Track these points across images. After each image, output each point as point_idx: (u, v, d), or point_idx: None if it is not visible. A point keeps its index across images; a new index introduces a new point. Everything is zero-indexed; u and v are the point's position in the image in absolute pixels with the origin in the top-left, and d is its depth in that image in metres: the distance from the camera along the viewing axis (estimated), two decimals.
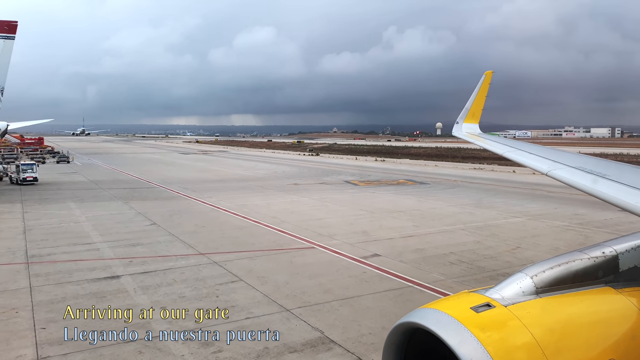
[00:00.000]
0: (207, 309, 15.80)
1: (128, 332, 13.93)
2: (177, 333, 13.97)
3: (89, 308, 15.78)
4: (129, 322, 14.71)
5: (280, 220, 31.52)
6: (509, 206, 38.09)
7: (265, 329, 14.21)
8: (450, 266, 21.14)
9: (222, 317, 15.14)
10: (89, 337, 13.62)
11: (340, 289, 18.04)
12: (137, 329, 14.19)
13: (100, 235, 27.05)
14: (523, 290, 5.20)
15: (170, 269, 20.57)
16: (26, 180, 51.73)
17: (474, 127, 20.73)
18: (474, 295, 5.19)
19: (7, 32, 46.74)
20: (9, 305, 16.14)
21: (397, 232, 28.03)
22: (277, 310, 15.84)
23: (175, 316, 15.24)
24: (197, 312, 15.50)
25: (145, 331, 14.09)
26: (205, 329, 14.29)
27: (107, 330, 14.08)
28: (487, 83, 21.06)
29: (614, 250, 5.93)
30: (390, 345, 5.20)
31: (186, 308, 15.87)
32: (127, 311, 15.53)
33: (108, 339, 13.48)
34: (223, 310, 15.71)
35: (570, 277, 5.51)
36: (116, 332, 13.96)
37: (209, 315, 15.32)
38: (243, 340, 13.58)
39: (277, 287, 18.19)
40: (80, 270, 20.25)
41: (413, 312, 5.11)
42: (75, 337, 13.62)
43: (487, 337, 4.56)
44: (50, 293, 17.38)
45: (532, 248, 24.35)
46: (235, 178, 62.26)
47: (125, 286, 18.22)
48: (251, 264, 21.36)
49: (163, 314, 15.44)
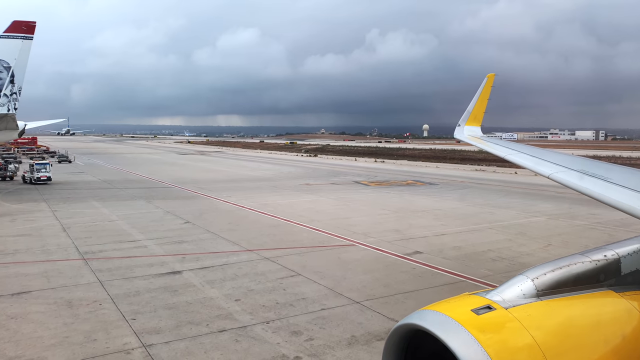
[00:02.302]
0: (280, 301, 16.65)
1: (217, 323, 14.72)
2: (264, 323, 14.76)
3: (168, 301, 16.54)
4: (212, 314, 15.46)
5: (309, 219, 32.33)
6: (525, 206, 39.31)
7: (345, 319, 15.07)
8: (493, 262, 22.17)
9: (299, 309, 15.96)
10: (181, 327, 14.41)
11: (397, 283, 18.94)
12: (223, 320, 14.96)
13: (141, 233, 27.64)
14: (524, 293, 5.17)
15: (225, 264, 21.30)
16: (40, 179, 51.85)
17: (475, 130, 21.03)
18: (475, 298, 5.17)
19: (26, 32, 46.96)
20: (90, 298, 16.77)
21: (429, 231, 29.03)
22: (348, 303, 16.68)
23: (252, 308, 16.03)
24: (272, 304, 16.34)
25: (232, 321, 14.85)
26: (286, 319, 15.10)
27: (195, 321, 14.87)
28: (489, 86, 21.36)
29: (615, 253, 5.89)
30: (390, 347, 5.18)
31: (260, 300, 16.69)
32: (205, 304, 16.31)
33: (200, 329, 14.25)
34: (296, 302, 16.56)
35: (572, 280, 5.49)
36: (205, 322, 14.75)
37: (284, 306, 16.15)
38: (324, 329, 14.44)
39: (337, 281, 19.03)
40: (138, 266, 20.89)
41: (413, 314, 5.09)
42: (167, 327, 14.39)
43: (488, 339, 4.55)
44: (122, 287, 18.03)
45: (562, 246, 25.49)
46: (245, 178, 62.86)
47: (190, 281, 18.92)
48: (301, 260, 22.17)
49: (240, 306, 16.22)
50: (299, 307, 16.22)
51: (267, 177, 64.30)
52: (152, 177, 61.45)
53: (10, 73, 47.11)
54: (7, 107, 47.70)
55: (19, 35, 46.77)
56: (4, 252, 23.16)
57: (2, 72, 46.96)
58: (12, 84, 47.62)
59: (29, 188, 49.15)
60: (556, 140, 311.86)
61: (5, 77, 47.06)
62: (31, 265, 21.01)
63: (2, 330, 14.05)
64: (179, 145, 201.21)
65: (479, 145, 18.63)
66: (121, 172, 70.52)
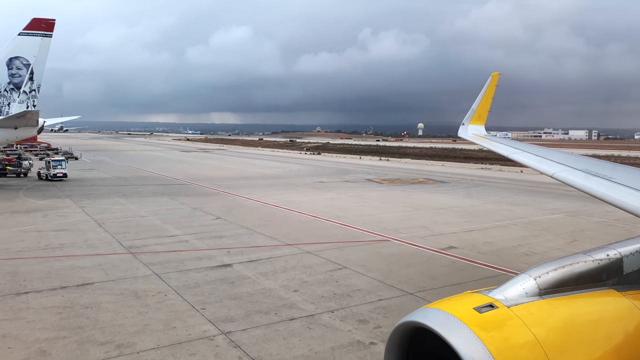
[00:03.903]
0: (337, 292, 17.41)
1: (284, 312, 15.45)
2: (329, 312, 15.51)
3: (230, 292, 17.25)
4: (276, 304, 16.18)
5: (335, 215, 33.08)
6: (540, 204, 40.27)
7: (404, 309, 15.82)
8: (527, 257, 23.03)
9: (357, 299, 16.72)
10: (251, 316, 15.14)
11: (443, 276, 19.76)
12: (289, 309, 15.70)
13: (176, 229, 28.29)
14: (526, 292, 5.20)
15: (271, 257, 22.03)
16: (56, 176, 52.27)
17: (480, 129, 21.25)
18: (477, 296, 5.20)
19: (45, 29, 47.33)
20: (153, 290, 17.45)
21: (456, 227, 29.87)
22: (402, 294, 17.47)
23: (313, 298, 16.77)
24: (330, 294, 17.09)
25: (298, 310, 15.60)
26: (349, 308, 15.86)
27: (263, 310, 15.60)
28: (494, 85, 21.59)
29: (618, 252, 5.90)
30: (392, 344, 5.21)
31: (317, 291, 17.44)
32: (266, 294, 17.04)
33: (270, 317, 14.97)
34: (352, 292, 17.33)
35: (574, 279, 5.50)
36: (273, 311, 15.48)
37: (343, 297, 16.90)
38: (388, 317, 15.20)
39: (384, 274, 19.81)
40: (187, 260, 21.54)
41: (415, 312, 5.11)
42: (239, 316, 15.11)
43: (490, 337, 4.57)
44: (180, 279, 18.70)
45: (588, 241, 26.41)
46: (256, 176, 63.50)
47: (244, 273, 19.63)
48: (342, 254, 22.91)
49: (300, 296, 16.95)
50: (356, 297, 16.98)
51: (279, 175, 64.96)
52: (165, 174, 61.99)
53: (30, 70, 47.48)
54: (26, 104, 48.09)
55: (39, 33, 47.13)
56: (51, 246, 23.75)
57: (21, 69, 47.35)
58: (32, 81, 48.00)
59: (47, 184, 49.57)
60: (550, 139, 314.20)
61: (25, 75, 47.43)
62: (82, 258, 21.64)
63: (83, 318, 14.72)
64: (179, 143, 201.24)
65: (483, 144, 18.86)
66: (132, 169, 70.95)
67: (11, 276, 18.81)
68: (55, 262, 20.99)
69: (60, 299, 16.42)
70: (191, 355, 12.46)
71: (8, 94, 47.46)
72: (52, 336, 13.40)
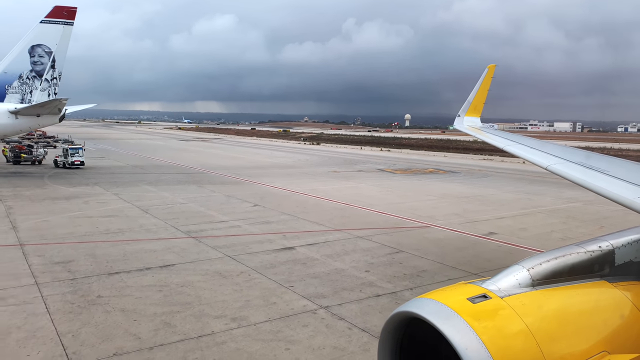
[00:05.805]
0: (406, 272, 18.71)
1: (367, 289, 16.70)
2: (408, 290, 16.80)
3: (307, 271, 18.44)
4: (356, 282, 17.41)
5: (367, 204, 34.35)
6: (555, 193, 41.91)
7: None
8: (564, 242, 24.48)
9: (427, 279, 18.04)
10: (339, 292, 16.36)
11: (496, 259, 21.20)
12: (370, 287, 16.95)
13: (222, 215, 29.32)
14: (519, 282, 5.29)
15: (327, 241, 23.24)
16: (74, 164, 52.74)
17: (475, 121, 21.58)
18: (471, 287, 5.30)
19: (67, 17, 47.55)
20: (235, 270, 18.54)
21: (487, 214, 31.37)
22: (466, 274, 18.80)
23: (386, 277, 18.04)
24: (400, 274, 18.38)
25: (378, 288, 16.85)
26: (425, 286, 17.10)
27: (347, 287, 16.85)
28: (490, 76, 21.84)
29: (610, 244, 6.01)
30: (386, 334, 5.32)
31: (387, 271, 18.72)
32: (341, 274, 18.26)
33: (357, 294, 16.21)
34: (420, 273, 18.65)
35: (567, 270, 5.61)
36: (357, 288, 16.73)
37: (413, 277, 18.21)
38: None
39: (440, 256, 21.15)
40: (250, 243, 22.62)
41: (409, 302, 5.22)
42: (328, 292, 16.32)
43: (482, 327, 4.67)
44: (253, 260, 19.80)
45: (615, 227, 27.87)
46: (268, 165, 64.48)
47: (310, 255, 20.81)
48: (393, 239, 24.19)
49: (374, 276, 18.20)
50: (426, 277, 18.31)
51: (289, 165, 65.98)
52: (177, 163, 62.64)
53: (52, 58, 47.75)
54: (47, 92, 48.39)
55: (61, 21, 47.33)
56: (111, 231, 24.64)
57: (43, 57, 47.57)
58: (53, 69, 48.26)
59: (67, 172, 50.02)
60: (536, 131, 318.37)
61: (47, 62, 47.68)
62: (149, 242, 22.61)
63: (184, 295, 15.80)
64: (172, 132, 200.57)
65: (478, 136, 19.22)
66: (141, 157, 71.36)
67: (92, 258, 19.74)
68: (126, 245, 21.92)
69: (151, 278, 17.42)
70: (304, 327, 13.65)
71: (30, 82, 47.70)
72: (167, 310, 14.46)
